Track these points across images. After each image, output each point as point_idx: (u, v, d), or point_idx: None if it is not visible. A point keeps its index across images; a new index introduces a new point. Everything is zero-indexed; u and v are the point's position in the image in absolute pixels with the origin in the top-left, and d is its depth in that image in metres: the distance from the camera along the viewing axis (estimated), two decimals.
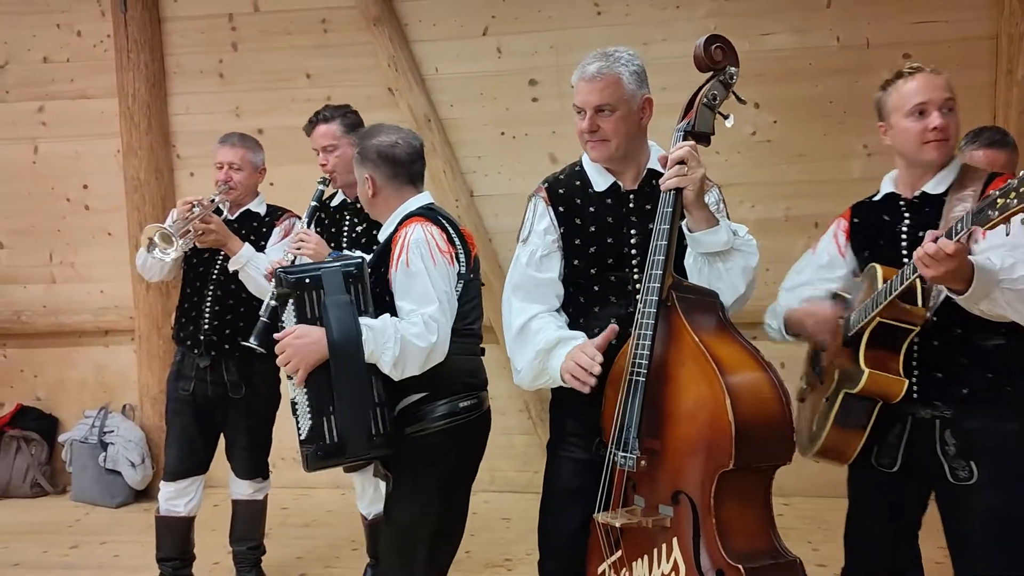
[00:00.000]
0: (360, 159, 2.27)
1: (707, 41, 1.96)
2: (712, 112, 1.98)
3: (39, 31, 4.64)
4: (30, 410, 4.84)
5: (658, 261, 1.88)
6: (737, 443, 1.71)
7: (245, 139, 3.26)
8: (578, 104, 2.05)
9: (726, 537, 1.76)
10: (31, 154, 4.74)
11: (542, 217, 2.13)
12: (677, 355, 1.85)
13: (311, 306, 2.09)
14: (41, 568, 3.69)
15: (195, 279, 3.17)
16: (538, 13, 4.27)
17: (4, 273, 4.83)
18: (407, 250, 2.12)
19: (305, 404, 2.09)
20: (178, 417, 3.17)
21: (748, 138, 4.17)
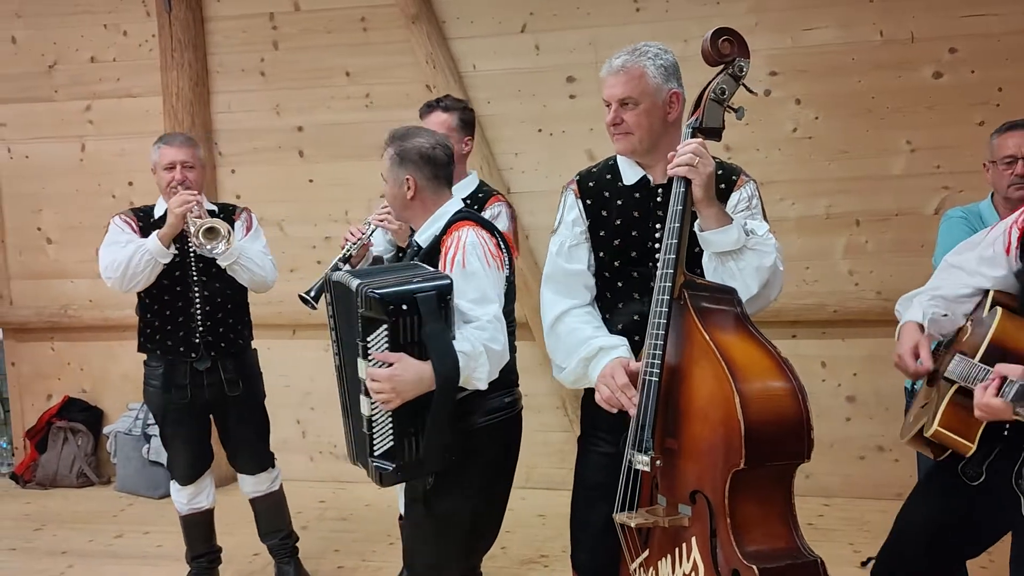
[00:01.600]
0: (400, 160, 2.25)
1: (714, 35, 1.94)
2: (721, 107, 1.96)
3: (86, 31, 4.74)
4: (76, 402, 4.95)
5: (669, 260, 1.87)
6: (747, 443, 1.69)
7: (191, 138, 3.23)
8: (604, 97, 2.05)
9: (742, 537, 1.74)
10: (79, 152, 4.84)
11: (571, 208, 2.15)
12: (690, 354, 1.84)
13: (406, 332, 1.98)
14: (88, 556, 3.78)
15: (173, 285, 3.08)
16: (576, 10, 4.25)
17: (52, 268, 4.94)
18: (463, 251, 2.12)
19: (387, 425, 2.03)
20: (180, 427, 3.16)
21: (789, 135, 4.11)
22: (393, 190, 2.28)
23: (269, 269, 3.16)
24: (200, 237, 2.91)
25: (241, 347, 3.22)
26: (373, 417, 2.03)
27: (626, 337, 2.04)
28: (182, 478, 3.22)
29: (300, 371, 4.69)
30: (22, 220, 4.94)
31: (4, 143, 4.91)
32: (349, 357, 2.13)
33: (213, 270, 3.08)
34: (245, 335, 3.26)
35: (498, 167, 4.40)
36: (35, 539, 4.02)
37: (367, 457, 2.06)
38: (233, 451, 3.28)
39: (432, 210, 2.26)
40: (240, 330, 3.22)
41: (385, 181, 2.30)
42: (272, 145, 4.63)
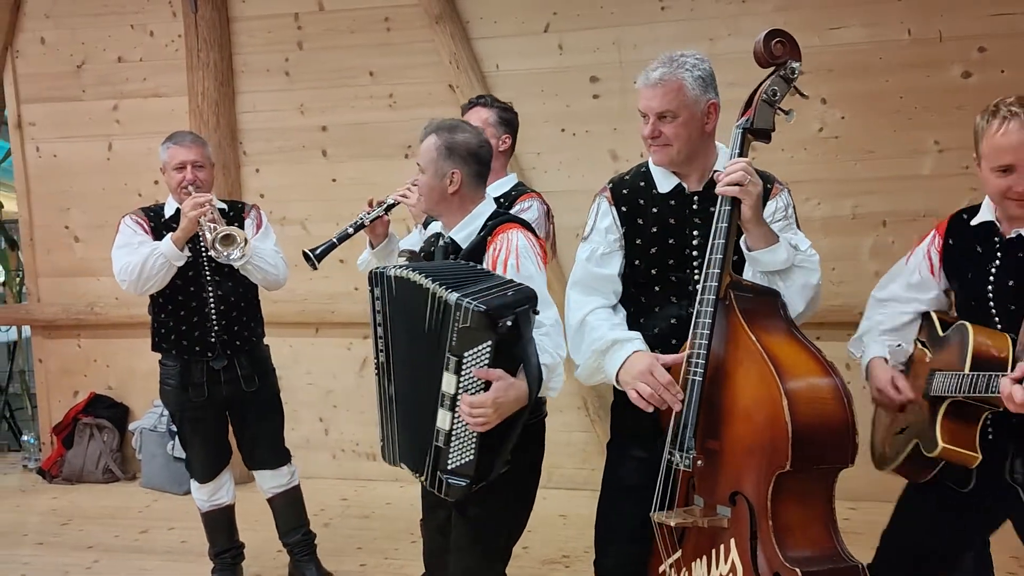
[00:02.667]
0: (448, 153, 2.16)
1: (767, 36, 1.93)
2: (772, 108, 1.94)
3: (114, 32, 4.79)
4: (102, 398, 5.01)
5: (716, 260, 1.86)
6: (794, 445, 1.68)
7: (199, 137, 3.22)
8: (641, 109, 2.04)
9: (784, 539, 1.73)
10: (106, 151, 4.89)
11: (604, 216, 2.13)
12: (735, 354, 1.83)
13: (508, 348, 1.89)
14: (113, 551, 3.82)
15: (187, 286, 3.09)
16: (600, 9, 4.24)
17: (79, 266, 4.99)
18: (516, 255, 2.07)
19: (471, 442, 1.92)
20: (200, 425, 3.17)
21: (815, 134, 4.08)
22: (432, 181, 2.18)
23: (281, 267, 3.17)
24: (217, 246, 2.91)
25: (255, 343, 3.24)
26: (454, 432, 1.92)
27: (663, 340, 2.03)
28: (201, 476, 3.24)
29: (323, 369, 4.71)
30: (50, 218, 5.00)
31: (33, 142, 4.97)
32: (402, 357, 2.05)
33: (226, 270, 3.10)
34: (258, 332, 3.28)
35: (520, 167, 4.39)
36: (62, 533, 4.07)
37: (435, 469, 1.95)
38: (251, 447, 3.29)
39: (469, 208, 2.20)
40: (253, 327, 3.24)
41: (422, 170, 2.21)
42: (296, 145, 4.66)
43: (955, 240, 2.10)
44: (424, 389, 1.96)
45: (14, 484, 4.91)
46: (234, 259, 2.96)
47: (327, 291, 4.56)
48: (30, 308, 5.09)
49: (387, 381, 2.10)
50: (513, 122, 2.97)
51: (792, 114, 1.96)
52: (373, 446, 4.61)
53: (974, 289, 2.01)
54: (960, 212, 2.14)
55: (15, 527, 4.18)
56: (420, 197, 2.27)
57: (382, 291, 2.05)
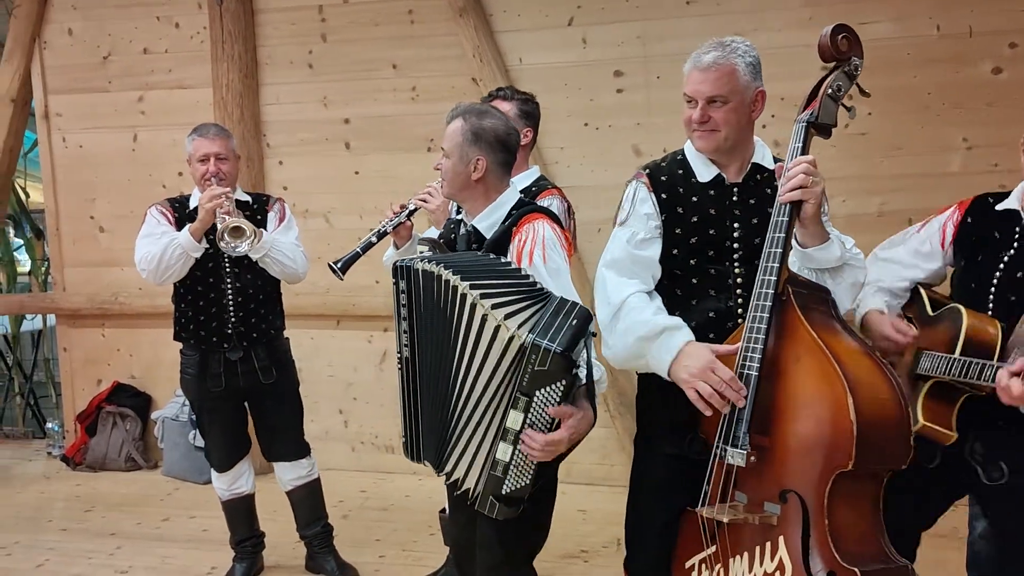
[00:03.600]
0: (474, 139, 2.11)
1: (833, 31, 1.91)
2: (836, 103, 1.92)
3: (140, 23, 4.82)
4: (126, 387, 5.06)
5: (775, 254, 1.81)
6: (858, 444, 1.65)
7: (224, 129, 3.23)
8: (689, 93, 1.98)
9: (839, 539, 1.71)
10: (131, 142, 4.93)
11: (644, 201, 2.07)
12: (792, 350, 1.79)
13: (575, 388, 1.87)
14: (135, 539, 3.86)
15: (206, 276, 3.12)
16: (625, 3, 4.22)
17: (104, 256, 5.04)
18: (543, 247, 2.03)
19: (530, 469, 1.90)
20: (217, 414, 3.20)
21: (840, 130, 3.92)
22: (457, 167, 2.13)
23: (300, 261, 3.17)
24: (226, 236, 2.91)
25: (273, 336, 3.25)
26: (513, 463, 1.89)
27: (700, 333, 1.97)
28: (220, 465, 3.26)
29: (344, 361, 4.73)
30: (76, 209, 5.05)
31: (60, 133, 5.02)
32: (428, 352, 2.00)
33: (245, 262, 3.11)
34: (277, 324, 3.29)
35: (543, 161, 4.38)
36: (85, 520, 4.11)
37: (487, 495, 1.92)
38: (269, 439, 3.30)
39: (493, 197, 2.16)
40: (272, 320, 3.25)
41: (446, 154, 2.15)
42: (319, 137, 4.68)
43: (974, 219, 2.14)
44: (451, 387, 1.92)
45: (38, 471, 4.97)
46: (242, 252, 2.96)
47: (348, 284, 4.50)
48: (55, 297, 5.15)
49: (411, 376, 2.06)
50: (534, 114, 2.92)
51: (854, 110, 1.93)
52: (392, 439, 4.63)
53: (980, 272, 2.04)
54: (986, 195, 2.16)
55: (40, 513, 4.23)
56: (443, 183, 2.21)
57: (408, 284, 2.00)
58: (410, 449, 2.12)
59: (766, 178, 2.05)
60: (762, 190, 2.03)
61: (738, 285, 2.00)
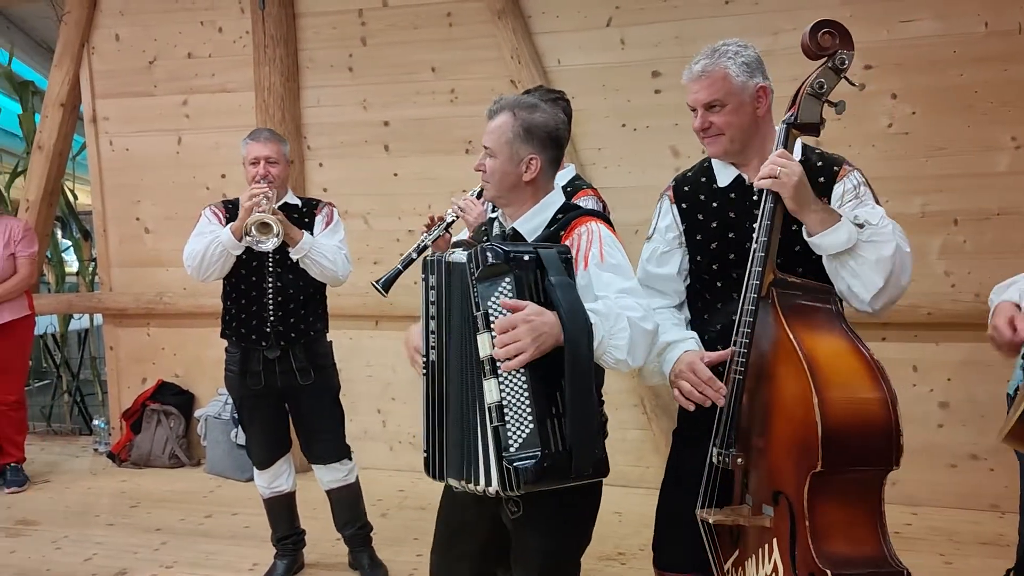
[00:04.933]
0: (526, 135, 1.93)
1: (813, 28, 1.89)
2: (820, 101, 1.90)
3: (184, 28, 4.91)
4: (169, 386, 5.16)
5: (759, 258, 1.85)
6: (824, 445, 1.65)
7: (275, 133, 3.30)
8: (689, 104, 2.02)
9: (821, 541, 1.70)
10: (175, 145, 5.03)
11: (665, 215, 2.13)
12: (777, 353, 1.81)
13: (531, 289, 1.74)
14: (179, 534, 3.94)
15: (250, 274, 3.19)
16: (663, 3, 4.20)
17: (149, 256, 5.14)
18: (600, 244, 1.89)
19: (524, 404, 1.71)
20: (256, 412, 3.26)
21: (884, 130, 3.98)
22: (506, 166, 1.94)
23: (340, 264, 3.20)
24: (253, 231, 2.96)
25: (312, 338, 3.27)
26: (505, 400, 1.70)
27: (726, 337, 1.99)
28: (259, 462, 3.32)
29: (382, 361, 4.78)
30: (122, 210, 5.16)
31: (107, 136, 5.13)
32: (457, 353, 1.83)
33: (288, 262, 3.16)
34: (318, 327, 3.31)
35: (581, 162, 4.38)
36: (131, 515, 4.21)
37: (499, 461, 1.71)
38: (307, 440, 3.34)
39: (539, 198, 1.99)
40: (312, 321, 3.27)
41: (491, 153, 1.96)
42: (359, 139, 4.72)
43: None
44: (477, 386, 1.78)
45: (85, 467, 5.09)
46: (266, 248, 3.00)
47: None
48: (102, 297, 5.26)
49: (437, 382, 1.88)
50: (566, 111, 2.90)
51: (842, 106, 1.90)
52: None
53: None
54: None
55: (87, 508, 4.34)
56: (487, 184, 2.02)
57: (437, 280, 1.86)
58: (432, 465, 1.91)
59: None
60: None
61: None
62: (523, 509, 1.88)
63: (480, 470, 1.78)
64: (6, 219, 4.57)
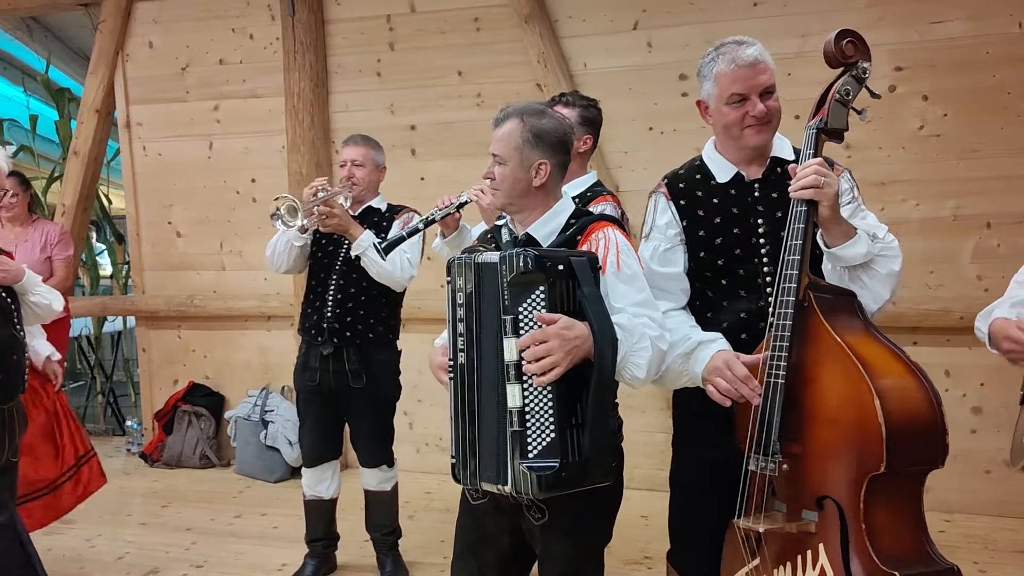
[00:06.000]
0: (536, 142, 1.92)
1: (838, 36, 1.89)
2: (845, 108, 1.91)
3: (216, 35, 4.98)
4: (200, 387, 5.23)
5: (793, 261, 1.82)
6: (888, 445, 1.65)
7: (368, 139, 3.38)
8: (743, 91, 1.95)
9: (877, 543, 1.69)
10: (207, 150, 5.10)
11: (663, 212, 2.08)
12: (817, 356, 1.80)
13: (563, 296, 1.73)
14: (210, 534, 3.99)
15: (319, 271, 3.28)
16: (690, 6, 4.20)
17: (181, 260, 5.22)
18: (616, 251, 1.88)
19: (547, 413, 1.71)
20: (309, 407, 3.32)
21: (915, 132, 3.93)
22: (517, 173, 1.94)
23: (399, 266, 3.19)
24: (281, 210, 3.00)
25: (370, 341, 3.26)
26: (528, 407, 1.71)
27: (732, 335, 1.99)
28: (306, 459, 3.37)
29: (408, 364, 4.73)
30: (155, 215, 5.25)
31: (140, 141, 5.22)
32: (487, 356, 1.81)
33: (356, 262, 3.18)
34: (379, 331, 3.29)
35: (607, 165, 4.39)
36: (162, 515, 4.27)
37: (515, 463, 1.71)
38: (353, 440, 3.41)
39: (550, 204, 1.98)
40: (372, 324, 3.27)
41: (501, 160, 1.96)
42: (386, 143, 4.66)
43: None
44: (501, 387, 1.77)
45: (118, 467, 5.17)
46: (289, 228, 3.02)
47: (414, 288, 4.57)
48: (135, 300, 5.35)
49: (466, 385, 1.85)
50: (596, 120, 2.87)
51: (865, 114, 1.92)
52: None
53: None
54: None
55: (120, 508, 4.41)
56: (496, 192, 2.01)
57: (465, 281, 1.83)
58: (463, 471, 1.86)
59: (787, 171, 2.02)
60: (783, 183, 2.00)
61: (767, 284, 1.99)
62: (547, 515, 1.88)
63: (500, 471, 1.78)
64: (42, 223, 4.66)
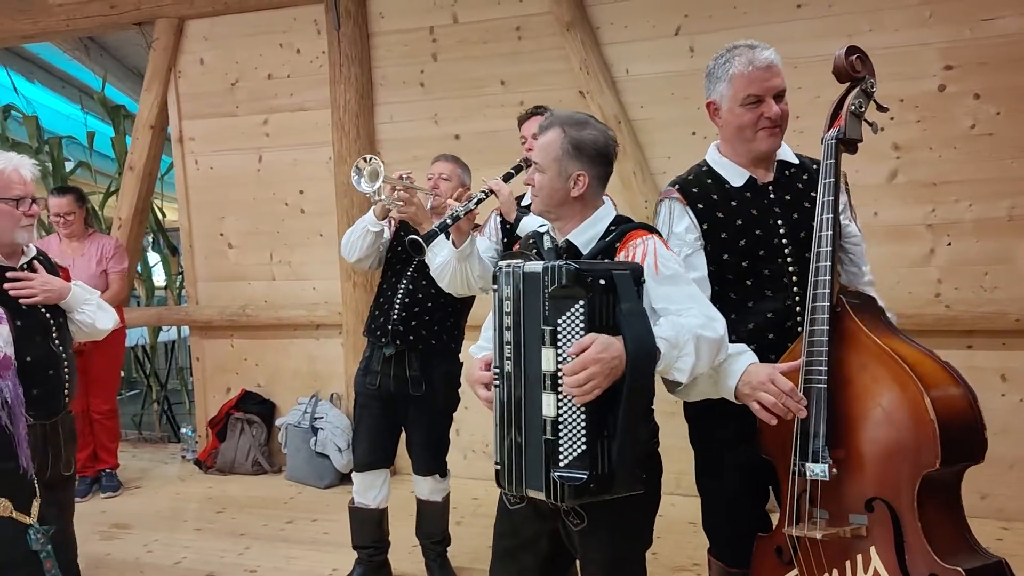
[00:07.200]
0: (575, 153, 1.92)
1: (847, 51, 1.95)
2: (859, 120, 1.96)
3: (264, 50, 5.09)
4: (252, 395, 5.33)
5: (825, 267, 1.85)
6: (943, 442, 1.67)
7: (458, 159, 3.51)
8: (759, 92, 1.98)
9: (934, 540, 1.70)
10: (256, 163, 5.21)
11: (680, 218, 2.07)
12: (856, 359, 1.81)
13: (603, 311, 1.73)
14: (262, 539, 4.06)
15: (392, 274, 3.33)
16: (733, 9, 4.17)
17: (233, 271, 5.34)
18: (655, 256, 1.87)
19: (579, 426, 1.72)
20: (365, 411, 3.34)
21: (966, 132, 3.85)
22: (555, 183, 1.94)
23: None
24: (364, 170, 3.00)
25: (433, 348, 3.27)
26: (560, 417, 1.72)
27: (759, 335, 2.00)
28: (357, 463, 3.38)
29: None
30: (207, 227, 5.37)
31: (192, 156, 5.35)
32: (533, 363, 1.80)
33: (427, 269, 3.19)
34: (442, 339, 3.31)
35: (651, 172, 4.38)
36: (216, 521, 4.36)
37: (546, 472, 1.73)
38: (408, 446, 3.43)
39: (589, 212, 1.98)
40: (436, 332, 3.28)
41: (540, 169, 1.96)
42: (431, 153, 4.72)
43: None
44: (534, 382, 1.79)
45: (174, 473, 5.30)
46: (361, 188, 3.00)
47: None
48: (189, 310, 5.48)
49: (513, 393, 1.84)
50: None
51: (877, 126, 1.99)
52: None
53: None
54: None
55: (176, 513, 4.51)
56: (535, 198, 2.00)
57: (513, 290, 1.83)
58: (509, 478, 1.86)
59: (794, 173, 2.10)
60: (794, 185, 2.07)
61: (794, 283, 2.01)
62: (587, 520, 1.89)
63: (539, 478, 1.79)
64: (98, 237, 4.80)
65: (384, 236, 3.30)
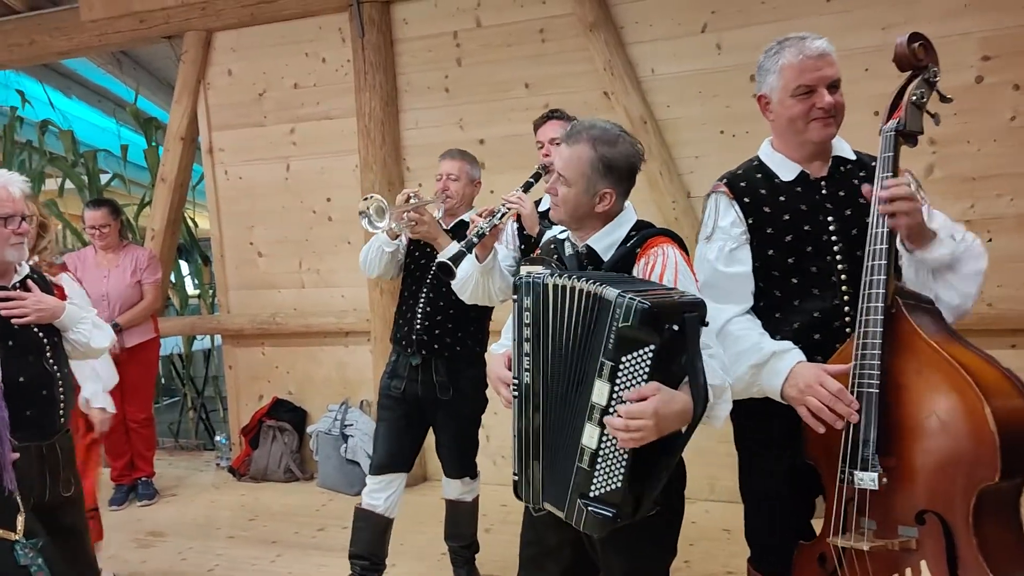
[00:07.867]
0: (605, 171, 1.88)
1: (910, 38, 1.86)
2: (920, 111, 1.87)
3: (291, 60, 5.12)
4: (283, 403, 5.35)
5: (880, 266, 1.77)
6: (1003, 454, 1.58)
7: (464, 154, 3.41)
8: (808, 82, 1.93)
9: (991, 556, 1.61)
10: (284, 171, 5.24)
11: (727, 211, 2.04)
12: (911, 364, 1.72)
13: (668, 359, 1.66)
14: (294, 547, 4.07)
15: (412, 282, 3.31)
16: (761, 5, 4.09)
17: (263, 279, 5.37)
18: (675, 270, 1.83)
19: (620, 465, 1.67)
20: (388, 413, 3.31)
21: (1006, 124, 3.73)
22: (580, 198, 1.91)
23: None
24: (370, 210, 3.03)
25: (458, 354, 3.26)
26: (601, 451, 1.66)
27: (804, 335, 1.93)
28: (372, 467, 3.33)
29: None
30: (237, 236, 5.41)
31: (222, 166, 5.40)
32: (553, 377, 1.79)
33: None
34: (467, 344, 3.29)
35: (678, 171, 4.31)
36: (249, 528, 4.38)
37: (572, 496, 1.71)
38: (437, 448, 3.42)
39: (608, 220, 1.97)
40: (460, 338, 3.27)
41: (566, 182, 1.92)
42: None
43: None
44: (576, 415, 1.73)
45: (209, 481, 5.34)
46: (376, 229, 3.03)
47: None
48: (221, 319, 5.52)
49: (532, 406, 1.83)
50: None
51: (939, 118, 1.89)
52: None
53: None
54: None
55: (210, 521, 4.55)
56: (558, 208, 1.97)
57: (533, 301, 1.81)
58: (527, 490, 1.87)
59: (850, 169, 2.02)
60: (849, 182, 1.99)
61: (843, 282, 1.93)
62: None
63: (560, 497, 1.77)
64: (132, 248, 4.86)
65: (400, 249, 3.30)
